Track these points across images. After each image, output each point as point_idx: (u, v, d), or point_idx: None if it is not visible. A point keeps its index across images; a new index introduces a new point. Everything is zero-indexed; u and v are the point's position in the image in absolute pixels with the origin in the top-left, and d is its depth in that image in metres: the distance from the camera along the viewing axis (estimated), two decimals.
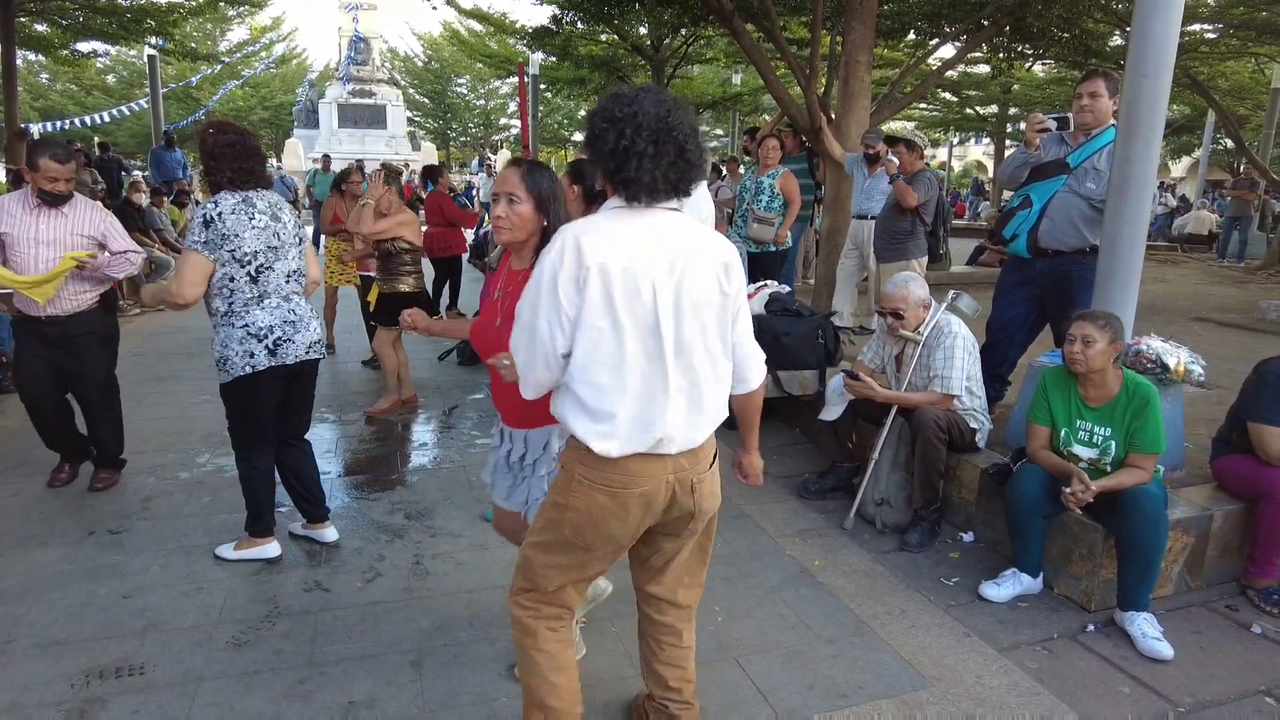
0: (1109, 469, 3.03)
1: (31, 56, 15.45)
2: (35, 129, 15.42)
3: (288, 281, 3.19)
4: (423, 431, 5.11)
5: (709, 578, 3.19)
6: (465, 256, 8.48)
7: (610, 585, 2.85)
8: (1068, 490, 2.91)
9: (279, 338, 3.12)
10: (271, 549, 3.35)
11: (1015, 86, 20.98)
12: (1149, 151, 3.44)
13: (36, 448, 4.18)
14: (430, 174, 9.17)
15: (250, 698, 2.48)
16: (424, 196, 8.78)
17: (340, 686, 2.53)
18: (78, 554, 3.39)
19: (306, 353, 3.23)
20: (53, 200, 3.67)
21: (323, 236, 7.39)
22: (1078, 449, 3.11)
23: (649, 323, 1.74)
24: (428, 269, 6.25)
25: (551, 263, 1.74)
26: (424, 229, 6.60)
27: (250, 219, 3.06)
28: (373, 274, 6.04)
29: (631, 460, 1.81)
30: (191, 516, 3.77)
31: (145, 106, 20.78)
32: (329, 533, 3.52)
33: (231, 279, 3.05)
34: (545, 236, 2.24)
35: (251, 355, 3.08)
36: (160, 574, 3.23)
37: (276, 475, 3.42)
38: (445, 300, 8.23)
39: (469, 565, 3.34)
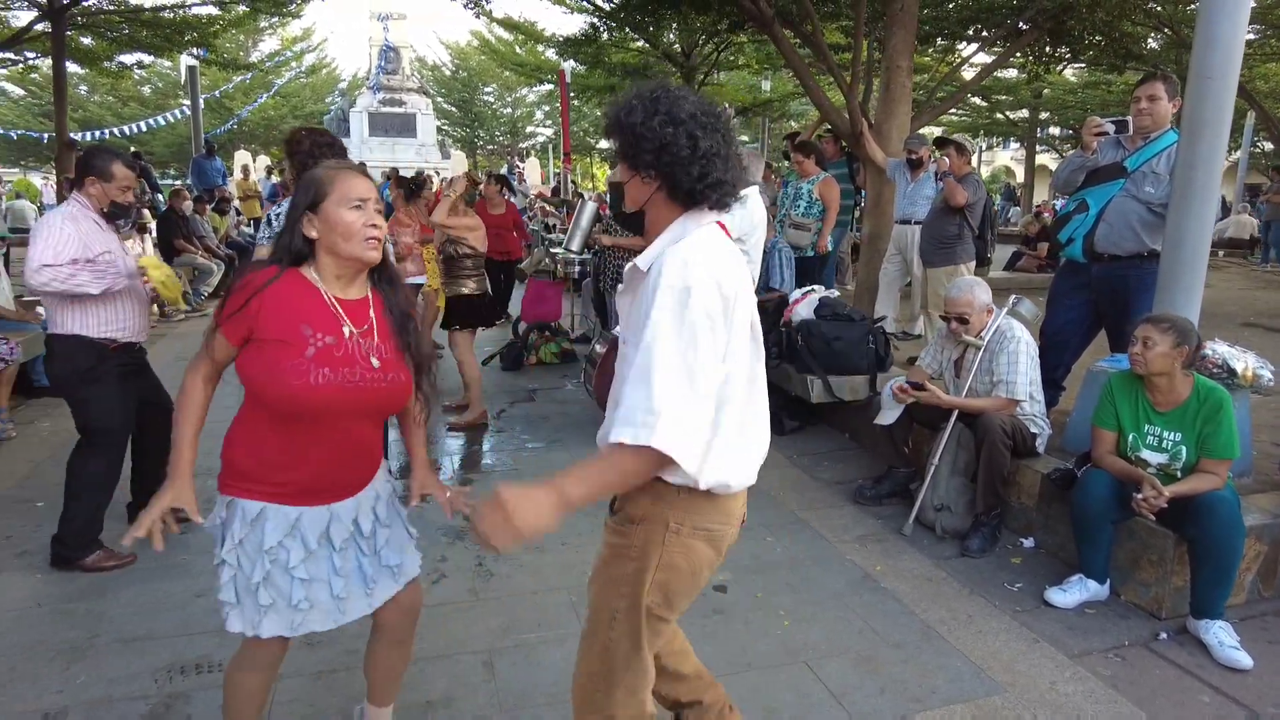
0: (1179, 474, 3.00)
1: (72, 69, 15.82)
2: (77, 138, 15.78)
3: None
4: (473, 435, 5.15)
5: (774, 582, 3.24)
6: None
7: None
8: (1139, 496, 2.88)
9: None
10: None
11: (1047, 91, 20.79)
12: (1214, 155, 3.41)
13: None
14: (503, 182, 9.28)
15: (329, 696, 2.52)
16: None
17: (416, 686, 2.56)
18: (147, 553, 3.44)
19: None
20: (122, 213, 3.38)
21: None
22: (1146, 454, 3.07)
23: (757, 343, 1.67)
24: None
25: (701, 299, 1.48)
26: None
27: None
28: (415, 280, 6.14)
29: (738, 495, 1.68)
30: None
31: (181, 116, 21.20)
32: None
33: None
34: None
35: None
36: None
37: None
38: None
39: (530, 567, 3.36)
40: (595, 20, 12.35)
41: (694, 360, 1.46)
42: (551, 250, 7.54)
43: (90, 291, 3.16)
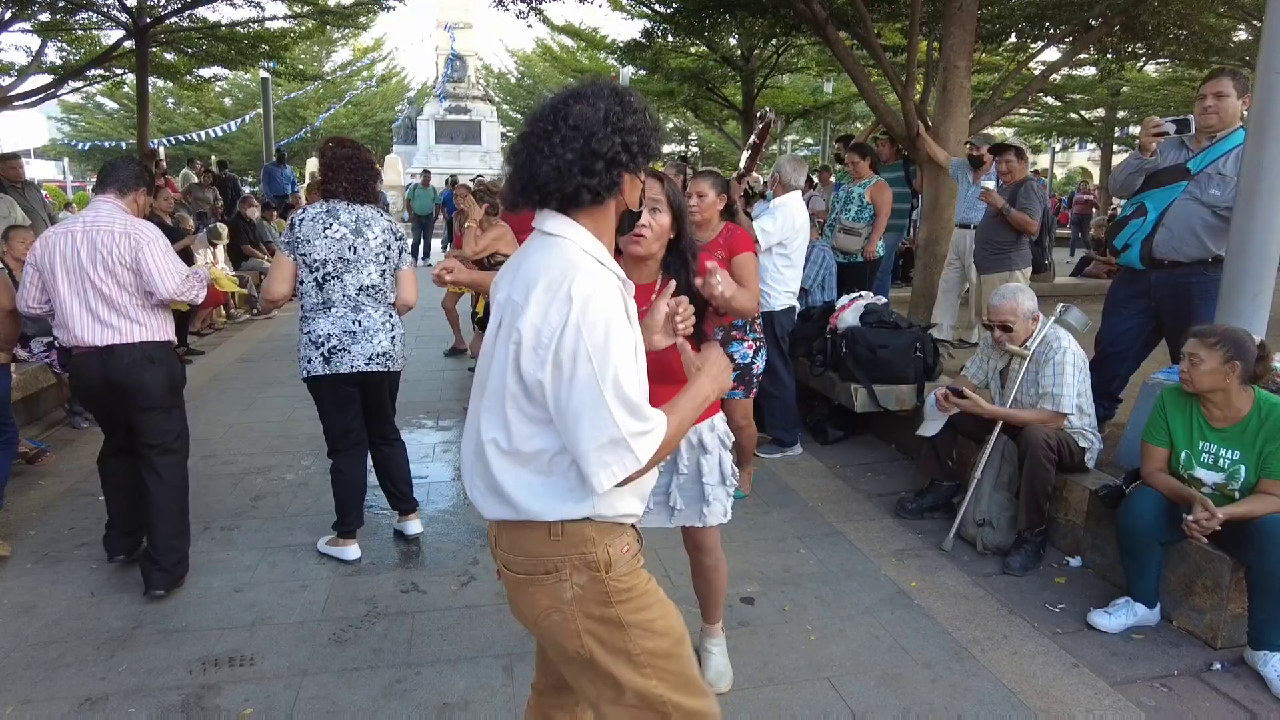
0: (1236, 495, 2.82)
1: (160, 83, 16.66)
2: (159, 146, 16.59)
3: (359, 293, 3.25)
4: None
5: (804, 596, 3.19)
6: None
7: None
8: (1190, 518, 2.72)
9: (334, 346, 3.21)
10: (349, 552, 3.47)
11: (1125, 88, 19.94)
12: None
13: None
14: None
15: (351, 694, 2.57)
16: None
17: (435, 687, 2.59)
18: (194, 548, 3.55)
19: (366, 364, 3.25)
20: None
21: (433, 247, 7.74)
22: (1201, 472, 2.91)
23: None
24: None
25: None
26: None
27: (325, 229, 3.19)
28: None
29: None
30: (296, 516, 3.94)
31: (252, 120, 22.01)
32: (410, 525, 3.68)
33: (302, 282, 3.24)
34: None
35: (309, 361, 3.25)
36: (268, 571, 3.39)
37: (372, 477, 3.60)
38: None
39: None
40: (651, 25, 12.36)
41: None
42: None
43: (200, 297, 3.35)
